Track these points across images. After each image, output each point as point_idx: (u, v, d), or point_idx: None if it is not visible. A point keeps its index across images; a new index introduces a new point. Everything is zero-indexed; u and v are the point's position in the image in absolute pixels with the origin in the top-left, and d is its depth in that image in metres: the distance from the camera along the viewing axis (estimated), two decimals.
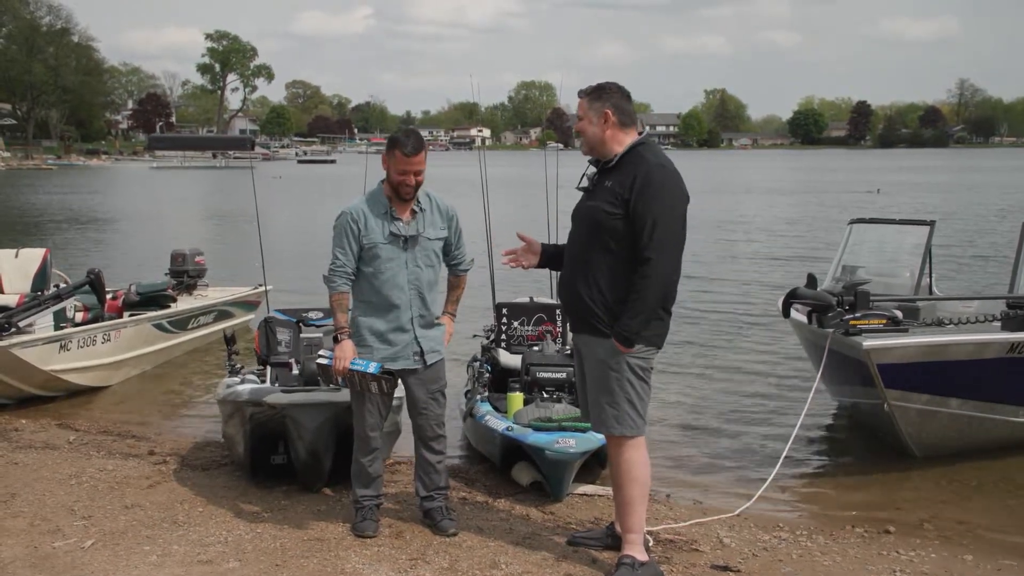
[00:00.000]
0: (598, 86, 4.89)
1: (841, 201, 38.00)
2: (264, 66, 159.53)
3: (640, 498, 4.86)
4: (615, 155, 4.77)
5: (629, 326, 4.63)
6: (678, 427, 8.27)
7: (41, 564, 5.04)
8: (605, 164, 4.81)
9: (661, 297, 4.67)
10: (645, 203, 4.58)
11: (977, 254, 20.56)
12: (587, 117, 4.83)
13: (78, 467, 6.78)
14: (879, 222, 9.58)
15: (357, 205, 5.35)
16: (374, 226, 5.28)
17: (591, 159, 4.95)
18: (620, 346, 4.67)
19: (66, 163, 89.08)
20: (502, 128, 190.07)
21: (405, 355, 5.35)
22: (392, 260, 5.29)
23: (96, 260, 19.65)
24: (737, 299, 15.22)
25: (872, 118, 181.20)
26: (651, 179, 4.63)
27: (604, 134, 4.78)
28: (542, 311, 8.04)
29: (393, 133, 5.60)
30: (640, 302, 4.61)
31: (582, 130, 4.86)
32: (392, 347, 5.33)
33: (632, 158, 4.73)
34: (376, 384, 5.20)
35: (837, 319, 6.77)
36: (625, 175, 4.68)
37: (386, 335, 5.32)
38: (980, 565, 5.27)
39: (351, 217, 5.29)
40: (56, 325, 8.83)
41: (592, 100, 4.84)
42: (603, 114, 4.78)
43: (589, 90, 4.88)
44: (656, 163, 4.70)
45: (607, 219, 4.66)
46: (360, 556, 5.11)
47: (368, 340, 5.32)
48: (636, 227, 4.60)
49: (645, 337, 4.70)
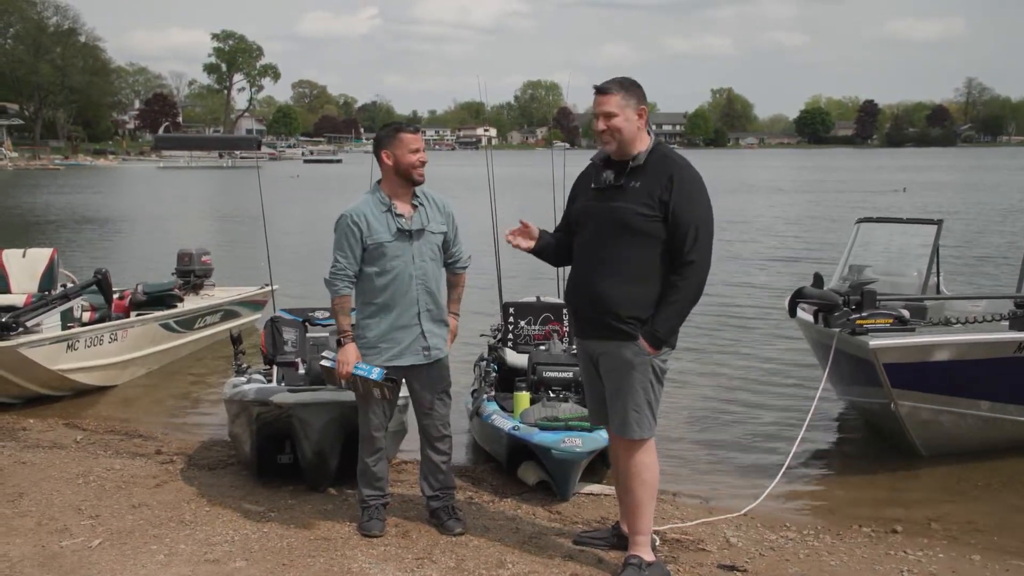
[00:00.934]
0: (626, 79, 4.70)
1: (864, 201, 37.95)
2: (270, 66, 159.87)
3: (649, 500, 4.83)
4: (639, 154, 4.65)
5: (663, 328, 4.58)
6: (685, 427, 8.26)
7: (49, 563, 5.04)
8: (632, 163, 4.64)
9: (696, 299, 4.65)
10: (689, 206, 4.52)
11: (986, 254, 20.51)
12: (623, 113, 4.61)
13: (85, 466, 6.80)
14: (887, 221, 9.56)
15: (357, 207, 5.32)
16: (377, 225, 5.27)
17: (600, 157, 4.82)
18: (649, 348, 4.60)
19: (73, 163, 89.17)
20: (508, 128, 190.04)
21: (413, 350, 5.33)
22: (399, 256, 5.27)
23: (103, 260, 19.69)
24: (745, 298, 15.20)
25: (879, 117, 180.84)
26: (689, 181, 4.57)
27: (636, 131, 4.65)
28: (549, 310, 8.03)
29: (378, 131, 5.59)
30: (678, 304, 4.58)
31: (618, 127, 4.60)
32: (399, 344, 5.30)
33: (659, 158, 4.63)
34: (379, 390, 5.20)
35: (843, 318, 6.75)
36: (657, 176, 4.57)
37: (393, 333, 5.29)
38: (988, 566, 5.25)
39: (351, 220, 5.27)
40: (63, 325, 8.85)
41: (627, 95, 4.63)
42: (640, 110, 4.65)
43: (618, 84, 4.65)
44: (685, 164, 4.64)
45: (643, 222, 4.54)
46: (366, 555, 5.11)
47: (374, 342, 5.30)
48: (679, 230, 4.52)
49: (671, 340, 4.68)
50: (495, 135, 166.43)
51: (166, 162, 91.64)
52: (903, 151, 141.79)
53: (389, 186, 5.37)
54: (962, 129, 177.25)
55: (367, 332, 5.32)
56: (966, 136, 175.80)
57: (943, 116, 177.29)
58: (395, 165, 5.31)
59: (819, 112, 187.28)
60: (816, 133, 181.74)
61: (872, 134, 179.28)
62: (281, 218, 28.36)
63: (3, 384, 8.47)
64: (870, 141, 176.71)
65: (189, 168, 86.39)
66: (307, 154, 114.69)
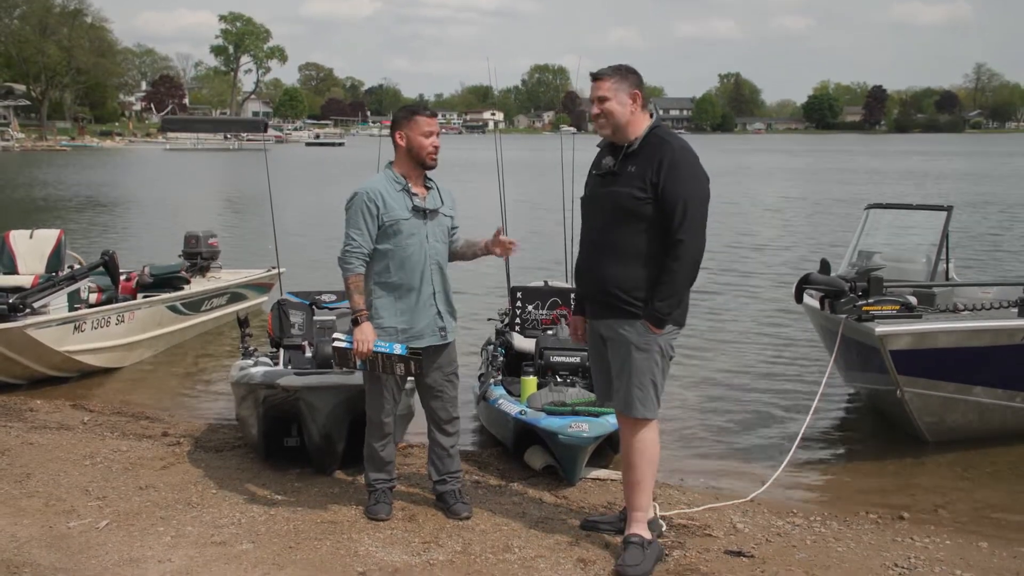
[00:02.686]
0: (622, 66, 4.80)
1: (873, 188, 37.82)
2: (278, 48, 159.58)
3: (650, 477, 4.89)
4: (635, 139, 4.72)
5: (661, 307, 4.63)
6: (692, 412, 8.25)
7: (56, 544, 5.06)
8: (628, 148, 4.73)
9: (692, 278, 4.68)
10: (675, 185, 4.57)
11: (997, 242, 20.46)
12: (615, 97, 4.71)
13: (92, 448, 6.81)
14: (896, 207, 9.52)
15: (371, 184, 5.27)
16: (393, 203, 5.22)
17: (603, 143, 4.90)
18: (652, 327, 4.67)
19: (80, 144, 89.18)
20: (515, 112, 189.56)
21: (430, 331, 5.31)
22: (414, 235, 5.23)
23: (110, 242, 19.72)
24: (751, 283, 15.18)
25: (887, 103, 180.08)
26: (678, 161, 4.61)
27: (630, 115, 4.72)
28: (556, 295, 8.02)
29: (395, 112, 5.54)
30: (672, 283, 4.62)
31: (610, 111, 4.72)
32: (416, 326, 5.27)
33: (653, 141, 4.69)
34: (403, 365, 5.13)
35: (850, 305, 6.73)
36: (650, 159, 4.64)
37: (408, 313, 5.25)
38: (996, 552, 5.24)
39: (367, 196, 5.21)
40: (70, 306, 8.86)
41: (620, 79, 4.74)
42: (632, 94, 4.72)
43: (612, 69, 4.77)
44: (679, 145, 4.68)
45: (638, 205, 4.62)
46: (373, 539, 5.11)
47: (391, 322, 5.24)
48: (666, 210, 4.58)
49: (675, 317, 4.71)
50: (502, 119, 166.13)
51: (172, 144, 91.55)
52: (911, 137, 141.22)
53: (401, 168, 5.33)
54: (971, 115, 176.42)
55: (382, 312, 5.24)
56: (974, 123, 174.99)
57: (952, 102, 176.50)
58: (408, 147, 5.28)
59: (827, 98, 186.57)
60: (824, 119, 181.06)
61: (880, 120, 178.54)
62: (288, 200, 28.34)
63: (10, 365, 8.49)
64: (878, 127, 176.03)
65: (195, 150, 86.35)
66: (312, 137, 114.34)
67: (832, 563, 4.97)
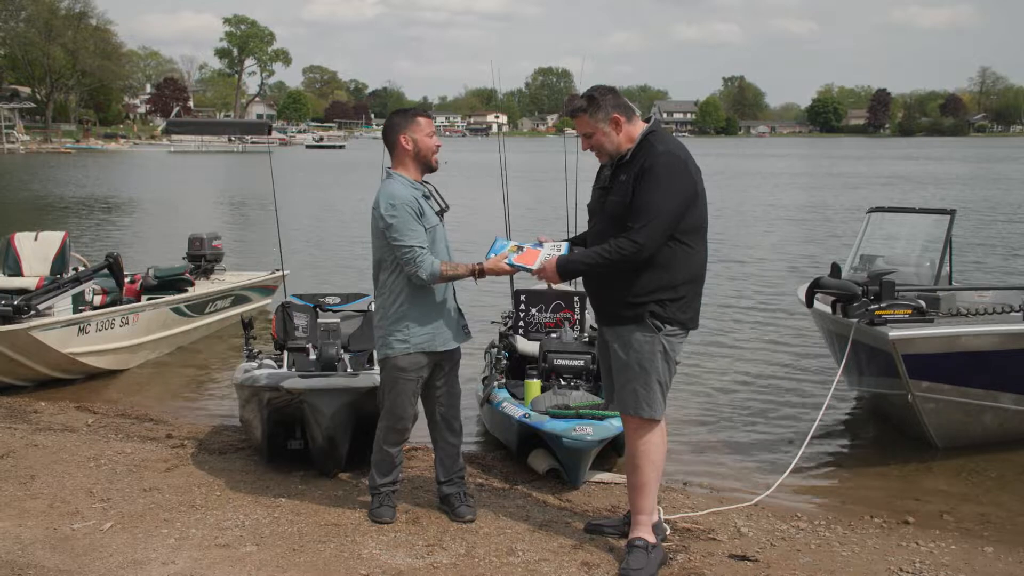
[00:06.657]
0: (587, 97, 4.80)
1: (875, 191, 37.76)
2: (281, 51, 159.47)
3: (655, 480, 4.90)
4: (627, 151, 4.75)
5: (575, 264, 4.80)
6: (697, 415, 8.24)
7: (60, 546, 5.06)
8: (621, 160, 4.77)
9: (614, 269, 4.66)
10: (644, 194, 4.59)
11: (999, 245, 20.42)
12: (599, 130, 4.76)
13: (97, 450, 6.81)
14: (898, 211, 9.50)
15: (400, 193, 5.10)
16: (426, 208, 5.17)
17: None
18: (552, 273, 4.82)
19: (84, 147, 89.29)
20: (519, 114, 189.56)
21: (457, 331, 5.32)
22: (439, 240, 5.22)
23: (114, 244, 19.76)
24: (756, 288, 15.16)
25: (892, 106, 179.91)
26: (655, 169, 4.61)
27: (620, 138, 4.76)
28: (560, 298, 8.01)
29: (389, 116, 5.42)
30: (600, 257, 4.65)
31: (598, 144, 4.78)
32: (448, 328, 5.25)
33: (644, 146, 4.71)
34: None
35: (862, 309, 6.70)
36: (635, 167, 4.68)
37: (438, 319, 5.20)
38: (1001, 558, 5.23)
39: (409, 205, 5.05)
40: (75, 308, 8.87)
41: (593, 112, 4.76)
42: (612, 120, 4.74)
43: (585, 101, 4.78)
44: (663, 151, 4.67)
45: (627, 213, 4.64)
46: (377, 542, 5.11)
47: (424, 328, 5.14)
48: (632, 210, 4.58)
49: (682, 321, 4.75)
50: (506, 122, 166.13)
51: (177, 146, 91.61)
52: (914, 140, 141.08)
53: (409, 172, 5.24)
54: (975, 119, 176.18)
55: (413, 319, 5.13)
56: (978, 126, 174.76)
57: (956, 105, 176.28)
58: (415, 149, 5.20)
59: (831, 101, 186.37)
60: (828, 122, 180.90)
61: (884, 123, 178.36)
62: (290, 204, 28.35)
63: (15, 367, 8.50)
64: (882, 130, 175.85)
65: (200, 152, 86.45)
66: (316, 140, 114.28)
67: (837, 567, 4.96)
